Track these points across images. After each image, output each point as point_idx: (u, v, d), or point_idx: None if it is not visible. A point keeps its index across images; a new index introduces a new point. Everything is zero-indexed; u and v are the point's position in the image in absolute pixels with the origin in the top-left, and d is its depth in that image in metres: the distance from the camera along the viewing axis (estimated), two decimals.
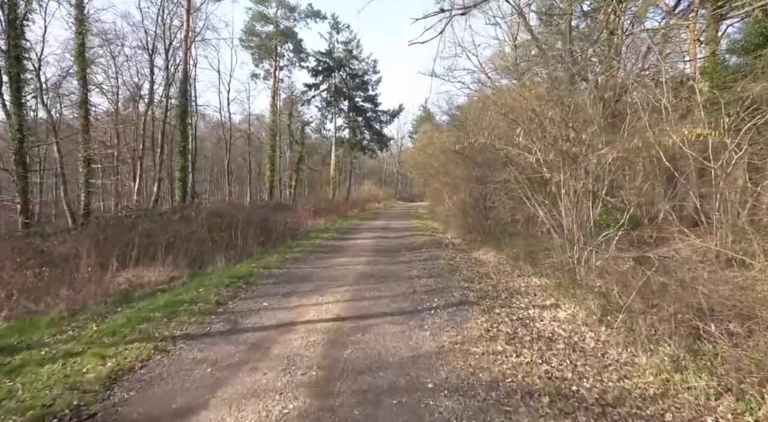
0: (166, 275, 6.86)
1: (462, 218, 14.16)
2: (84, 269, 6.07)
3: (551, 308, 5.29)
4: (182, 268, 7.27)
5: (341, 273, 7.07)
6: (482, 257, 9.27)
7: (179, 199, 18.26)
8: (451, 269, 7.63)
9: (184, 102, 18.51)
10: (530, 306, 5.34)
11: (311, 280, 6.54)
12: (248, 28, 27.66)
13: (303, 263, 8.06)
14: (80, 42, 14.80)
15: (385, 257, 8.85)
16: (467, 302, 5.29)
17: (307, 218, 17.44)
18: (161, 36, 20.38)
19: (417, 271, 7.34)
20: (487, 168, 12.93)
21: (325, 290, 5.88)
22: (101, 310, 5.19)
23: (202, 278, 6.54)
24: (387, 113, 34.74)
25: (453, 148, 13.79)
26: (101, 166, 22.58)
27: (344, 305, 5.12)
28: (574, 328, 4.44)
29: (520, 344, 3.87)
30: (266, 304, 5.12)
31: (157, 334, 3.97)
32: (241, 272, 6.69)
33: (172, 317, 4.49)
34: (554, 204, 8.48)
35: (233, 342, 3.85)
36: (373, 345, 3.78)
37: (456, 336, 4.01)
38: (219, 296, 5.28)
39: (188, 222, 9.83)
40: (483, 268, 8.04)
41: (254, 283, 6.17)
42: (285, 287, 6.03)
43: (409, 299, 5.43)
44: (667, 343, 3.69)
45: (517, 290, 6.16)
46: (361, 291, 5.82)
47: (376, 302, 5.25)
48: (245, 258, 8.91)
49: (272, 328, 4.24)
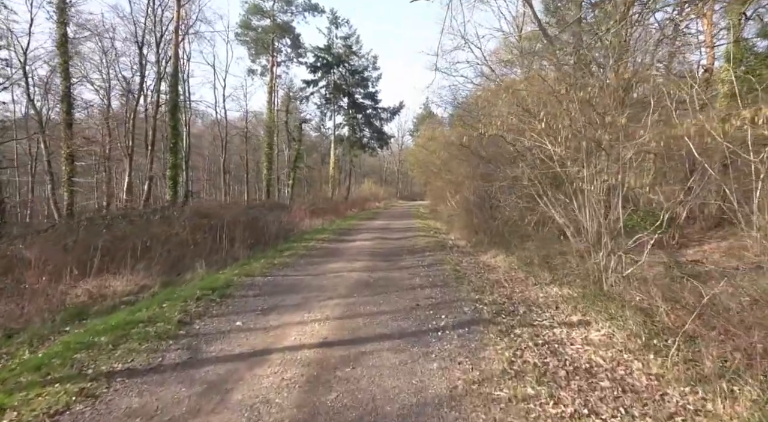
0: (135, 284, 6.02)
1: (466, 219, 13.32)
2: (34, 279, 5.23)
3: (580, 326, 4.44)
4: (155, 276, 6.43)
5: (334, 282, 6.22)
6: (491, 262, 8.43)
7: (170, 198, 17.44)
8: (457, 276, 6.78)
9: (174, 97, 17.67)
10: (555, 324, 4.49)
11: (298, 290, 5.69)
12: (244, 21, 26.78)
13: (292, 270, 7.21)
14: (62, 32, 13.96)
15: (383, 262, 8.01)
16: (481, 320, 4.44)
17: (304, 219, 16.59)
18: (152, 29, 19.54)
19: (420, 279, 6.49)
20: (494, 165, 12.10)
21: (312, 304, 5.03)
22: (45, 330, 4.35)
23: (173, 289, 5.70)
24: (387, 111, 33.92)
25: (457, 142, 12.95)
26: (93, 163, 21.82)
27: (334, 324, 4.27)
28: (614, 355, 3.59)
29: (554, 382, 3.01)
30: (240, 323, 4.27)
31: (91, 369, 3.12)
32: (218, 282, 5.84)
33: (120, 343, 3.64)
34: (572, 203, 7.63)
35: (187, 380, 3.00)
36: (366, 384, 2.94)
37: (472, 371, 3.15)
38: (184, 314, 4.42)
39: (170, 223, 8.98)
40: (493, 274, 7.20)
41: (231, 295, 5.30)
42: (267, 300, 5.17)
43: (411, 316, 4.58)
44: (747, 383, 2.84)
45: (535, 302, 5.31)
46: (355, 305, 4.96)
47: (372, 321, 4.39)
48: (230, 263, 8.07)
49: (241, 359, 3.39)
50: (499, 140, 10.38)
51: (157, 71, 19.44)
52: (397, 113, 34.58)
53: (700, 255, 8.31)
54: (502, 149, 9.82)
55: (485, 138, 11.25)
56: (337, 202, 26.08)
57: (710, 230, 9.97)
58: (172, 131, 17.51)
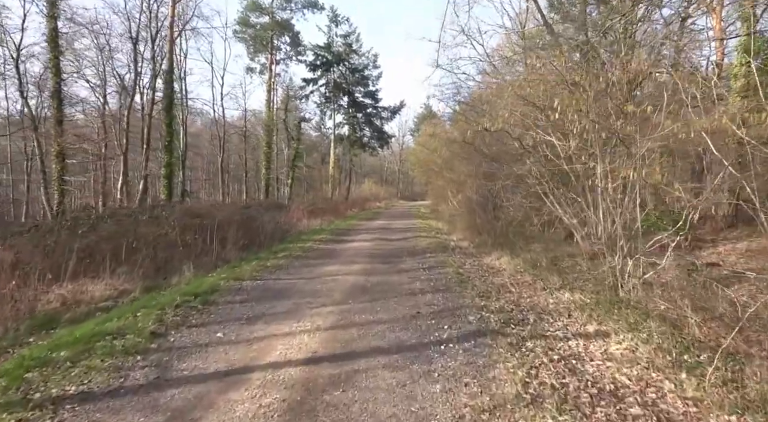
0: (115, 289, 5.60)
1: (469, 219, 12.89)
2: (2, 284, 4.82)
3: (598, 337, 4.00)
4: (138, 279, 6.00)
5: (328, 287, 5.79)
6: (495, 264, 8.00)
7: (165, 197, 17.05)
8: (461, 279, 6.35)
9: (169, 93, 17.27)
10: (570, 335, 4.05)
11: (289, 296, 5.26)
12: (242, 18, 26.35)
13: (285, 273, 6.78)
14: (53, 26, 13.55)
15: (382, 265, 7.58)
16: (488, 330, 4.00)
17: (302, 219, 16.17)
18: (147, 25, 19.11)
19: (420, 283, 6.06)
20: (498, 163, 11.66)
21: (303, 311, 4.60)
22: (6, 342, 3.94)
23: (154, 294, 5.27)
24: (388, 110, 33.46)
25: (459, 139, 12.52)
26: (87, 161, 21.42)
27: (325, 336, 3.84)
28: (640, 374, 3.15)
29: (577, 409, 2.58)
30: (221, 335, 3.84)
31: (39, 393, 2.70)
32: (202, 287, 5.40)
33: (81, 359, 3.21)
34: (581, 202, 7.20)
35: (149, 407, 2.57)
36: (358, 412, 2.51)
37: (480, 395, 2.72)
38: (159, 324, 3.99)
39: (159, 223, 8.56)
40: (498, 278, 6.77)
41: (214, 302, 4.87)
42: (254, 307, 4.74)
43: (410, 325, 4.14)
44: None
45: (545, 309, 4.88)
46: (350, 313, 4.53)
47: (368, 331, 3.96)
48: (221, 266, 7.65)
49: (216, 378, 2.96)
50: (504, 135, 9.94)
51: (152, 68, 19.01)
52: (398, 112, 34.16)
53: (716, 257, 7.86)
54: (507, 145, 9.39)
55: (488, 135, 10.86)
56: (336, 202, 25.65)
57: (722, 231, 9.52)
58: (168, 128, 17.10)
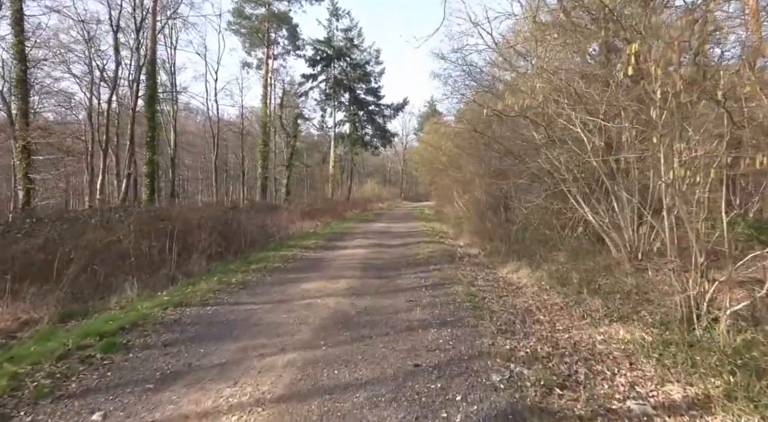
0: (14, 318, 4.20)
1: (478, 222, 11.43)
2: None
3: (691, 411, 2.56)
4: (54, 304, 4.60)
5: (298, 316, 4.35)
6: (513, 278, 6.59)
7: (147, 197, 15.73)
8: (474, 304, 4.90)
9: (152, 85, 15.96)
10: (648, 406, 2.60)
11: (239, 334, 3.82)
12: (237, 9, 25.06)
13: (248, 294, 5.35)
14: (17, 8, 12.24)
15: (375, 280, 6.14)
16: (525, 406, 2.55)
17: (294, 221, 14.78)
18: (132, 14, 17.84)
19: (421, 311, 4.61)
20: (511, 158, 10.22)
21: (249, 363, 3.16)
22: None
23: (56, 330, 3.86)
24: (390, 107, 32.05)
25: (466, 131, 11.08)
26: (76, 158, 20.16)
27: (266, 417, 2.42)
28: None
29: None
30: (97, 418, 2.41)
31: None
32: (124, 319, 3.96)
33: None
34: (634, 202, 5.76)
35: None
36: None
37: None
38: (10, 394, 2.56)
39: (111, 228, 7.18)
40: (520, 298, 5.34)
41: (126, 346, 3.42)
42: (180, 354, 3.30)
43: (404, 394, 2.69)
44: None
45: (594, 353, 3.44)
46: (317, 368, 3.08)
47: (336, 407, 2.53)
48: (180, 280, 6.26)
49: None
50: (520, 125, 8.52)
51: (136, 59, 17.75)
52: (401, 110, 32.78)
53: None
54: (525, 136, 7.94)
55: (501, 125, 9.40)
56: (336, 202, 24.29)
57: None
58: (150, 122, 15.77)
